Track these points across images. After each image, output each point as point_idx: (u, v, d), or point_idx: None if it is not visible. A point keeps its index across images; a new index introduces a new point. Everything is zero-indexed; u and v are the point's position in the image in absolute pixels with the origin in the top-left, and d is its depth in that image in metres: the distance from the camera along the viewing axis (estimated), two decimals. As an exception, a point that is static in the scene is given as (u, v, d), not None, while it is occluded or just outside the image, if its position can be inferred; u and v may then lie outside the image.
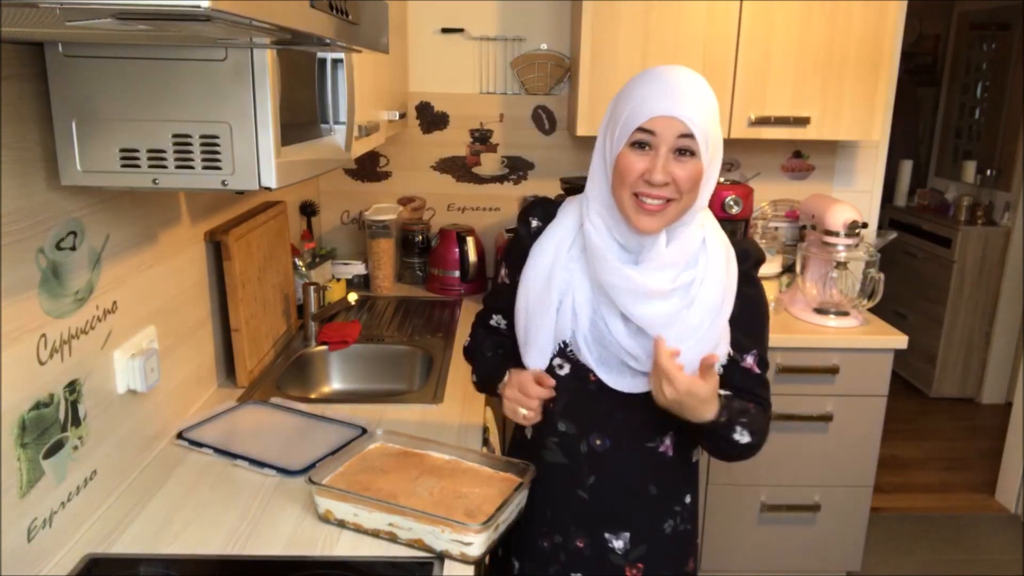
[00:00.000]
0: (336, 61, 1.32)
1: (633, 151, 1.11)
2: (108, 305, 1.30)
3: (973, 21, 4.46)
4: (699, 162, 1.11)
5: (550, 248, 1.23)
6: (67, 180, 1.11)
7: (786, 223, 2.79)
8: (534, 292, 1.23)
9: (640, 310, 1.15)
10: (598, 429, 1.25)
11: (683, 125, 1.08)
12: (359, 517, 1.21)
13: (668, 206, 1.12)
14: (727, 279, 1.18)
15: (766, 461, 2.38)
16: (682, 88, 1.10)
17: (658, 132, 1.09)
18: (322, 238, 2.84)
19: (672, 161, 1.10)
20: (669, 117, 1.08)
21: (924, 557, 2.79)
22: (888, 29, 2.34)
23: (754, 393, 1.26)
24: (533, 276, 1.23)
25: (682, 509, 1.32)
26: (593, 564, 1.29)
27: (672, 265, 1.16)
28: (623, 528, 1.28)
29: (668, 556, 1.32)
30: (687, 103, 1.09)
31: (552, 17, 2.66)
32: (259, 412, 1.66)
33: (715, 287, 1.16)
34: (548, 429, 1.29)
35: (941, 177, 4.68)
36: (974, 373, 4.11)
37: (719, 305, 1.17)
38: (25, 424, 1.08)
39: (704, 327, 1.16)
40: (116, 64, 1.06)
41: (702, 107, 1.10)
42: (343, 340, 2.09)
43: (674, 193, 1.11)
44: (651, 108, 1.09)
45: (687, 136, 1.09)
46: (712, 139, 1.12)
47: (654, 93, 1.10)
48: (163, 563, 1.16)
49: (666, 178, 1.09)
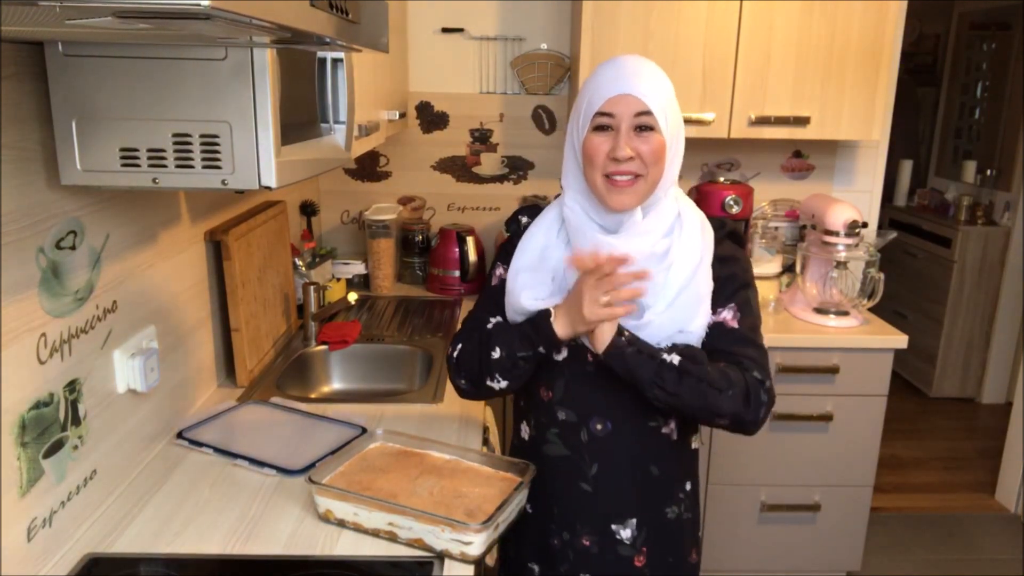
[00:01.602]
0: (336, 60, 1.32)
1: (596, 134, 1.19)
2: (108, 304, 1.30)
3: (973, 21, 4.45)
4: (660, 136, 1.18)
5: (540, 233, 1.29)
6: (67, 180, 1.11)
7: (786, 223, 2.79)
8: (530, 262, 1.27)
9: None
10: (598, 413, 1.27)
11: (639, 102, 1.16)
12: (359, 517, 1.21)
13: (637, 182, 1.18)
14: (703, 246, 1.24)
15: (766, 461, 2.38)
16: (634, 69, 1.18)
17: (616, 113, 1.17)
18: (322, 238, 2.84)
19: (634, 137, 1.17)
20: (624, 95, 1.16)
21: (924, 557, 2.79)
22: (888, 29, 2.34)
23: (735, 352, 1.23)
24: (525, 253, 1.29)
25: (684, 496, 1.33)
26: (600, 563, 1.30)
27: (649, 232, 1.21)
28: (629, 515, 1.29)
29: (671, 543, 1.33)
30: (640, 81, 1.16)
31: (552, 17, 2.66)
32: (259, 412, 1.66)
33: (691, 254, 1.22)
34: (547, 421, 1.31)
35: (941, 177, 4.68)
36: (974, 373, 4.11)
37: (694, 270, 1.22)
38: (25, 423, 1.08)
39: (684, 287, 1.21)
40: (116, 63, 1.06)
41: (655, 84, 1.18)
42: (343, 340, 2.09)
43: (640, 168, 1.17)
44: (607, 90, 1.17)
45: (644, 113, 1.16)
46: (671, 116, 1.19)
47: (609, 78, 1.18)
48: (163, 562, 1.16)
49: (630, 152, 1.16)
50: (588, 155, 1.19)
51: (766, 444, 2.36)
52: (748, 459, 2.38)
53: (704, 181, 2.70)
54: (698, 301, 1.22)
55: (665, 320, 1.21)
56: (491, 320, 1.33)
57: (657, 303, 1.21)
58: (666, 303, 1.21)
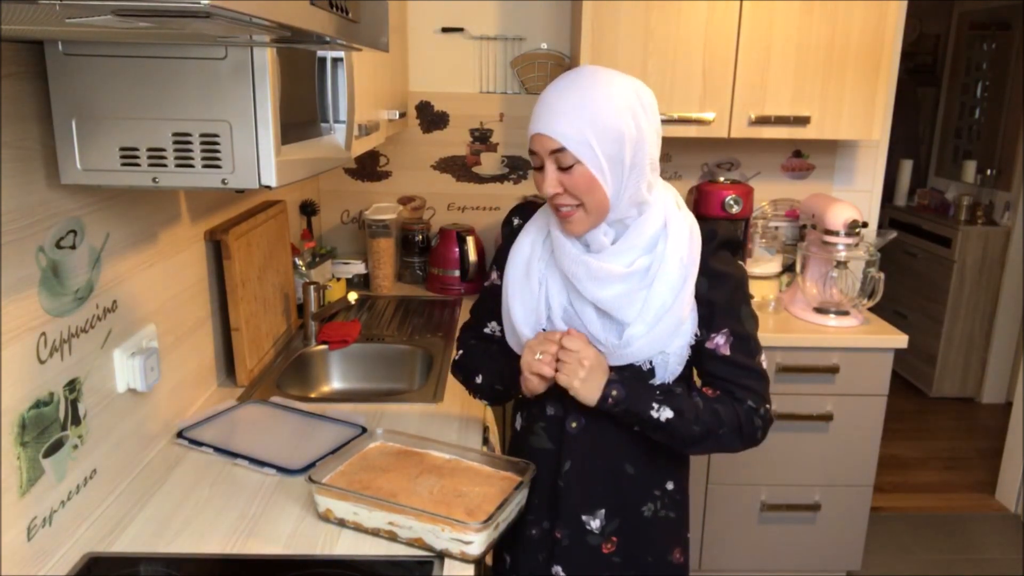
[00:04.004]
0: (336, 60, 1.32)
1: (536, 171, 1.20)
2: (108, 304, 1.29)
3: (973, 21, 4.45)
4: (583, 167, 1.14)
5: (527, 243, 1.31)
6: (67, 179, 1.11)
7: (786, 222, 2.79)
8: (517, 276, 1.30)
9: (600, 293, 1.20)
10: (577, 409, 1.28)
11: (551, 141, 1.14)
12: (359, 516, 1.21)
13: (579, 211, 1.18)
14: (689, 258, 1.21)
15: (766, 461, 2.38)
16: (550, 102, 1.15)
17: (537, 151, 1.17)
18: (322, 237, 2.84)
19: (560, 172, 1.16)
20: (540, 135, 1.15)
21: (924, 557, 2.79)
22: (888, 29, 2.34)
23: (728, 380, 1.25)
24: (514, 265, 1.31)
25: (663, 494, 1.33)
26: (572, 554, 1.32)
27: (630, 250, 1.20)
28: (598, 506, 1.31)
29: (647, 540, 1.33)
30: (553, 117, 1.13)
31: (552, 17, 2.66)
32: (259, 411, 1.66)
33: (675, 267, 1.20)
34: (537, 413, 1.34)
35: (941, 177, 4.68)
36: (974, 373, 4.11)
37: (680, 284, 1.20)
38: (25, 423, 1.07)
39: (667, 306, 1.20)
40: (116, 63, 1.06)
41: (573, 115, 1.12)
42: (343, 339, 2.09)
43: (572, 200, 1.17)
44: (531, 128, 1.17)
45: (558, 151, 1.14)
46: (597, 145, 1.12)
47: (534, 113, 1.17)
48: (163, 562, 1.16)
49: (555, 188, 1.16)
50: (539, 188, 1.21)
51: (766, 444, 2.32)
52: (748, 459, 2.38)
53: (704, 181, 2.70)
54: (679, 323, 1.21)
55: (645, 344, 1.21)
56: (487, 326, 1.42)
57: (636, 324, 1.20)
58: (647, 325, 1.20)
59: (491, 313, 1.41)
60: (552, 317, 1.27)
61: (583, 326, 1.24)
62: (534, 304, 1.27)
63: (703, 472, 2.39)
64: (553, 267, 1.26)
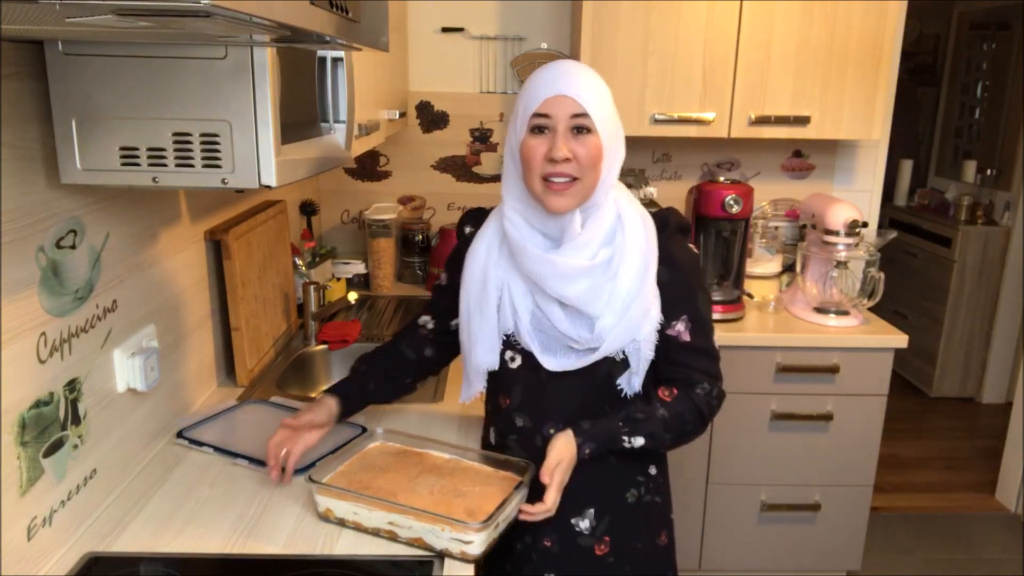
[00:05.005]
0: (336, 59, 1.32)
1: (533, 136, 1.18)
2: (108, 304, 1.29)
3: (973, 21, 4.45)
4: (597, 138, 1.17)
5: (481, 251, 1.29)
6: (67, 178, 1.11)
7: (786, 222, 2.79)
8: (474, 293, 1.29)
9: (568, 290, 1.20)
10: (551, 419, 1.29)
11: (575, 103, 1.15)
12: (359, 516, 1.21)
13: (574, 184, 1.17)
14: (647, 246, 1.23)
15: (766, 461, 2.38)
16: (571, 72, 1.18)
17: (553, 114, 1.16)
18: (322, 237, 2.84)
19: (571, 139, 1.16)
20: (561, 96, 1.15)
21: (924, 557, 2.79)
22: (888, 29, 2.34)
23: (687, 366, 1.28)
24: (470, 279, 1.30)
25: (646, 480, 1.35)
26: (563, 559, 1.32)
27: (588, 244, 1.21)
28: (586, 505, 1.31)
29: (634, 526, 1.34)
30: (577, 83, 1.16)
31: (552, 16, 2.66)
32: (259, 411, 1.66)
33: (635, 256, 1.21)
34: (507, 427, 1.34)
35: (941, 177, 4.68)
36: (974, 373, 4.11)
37: (643, 272, 1.22)
38: (25, 422, 1.07)
39: (632, 294, 1.21)
40: (116, 62, 1.06)
41: (593, 88, 1.17)
42: (343, 339, 2.09)
43: (576, 170, 1.17)
44: (544, 92, 1.16)
45: (581, 115, 1.15)
46: (608, 120, 1.18)
47: (545, 80, 1.17)
48: (163, 562, 1.16)
49: (567, 153, 1.15)
50: (525, 158, 1.18)
51: (766, 444, 2.36)
52: (748, 459, 2.38)
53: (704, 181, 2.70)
54: (647, 308, 1.23)
55: (617, 334, 1.22)
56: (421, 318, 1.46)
57: (605, 316, 1.21)
58: (616, 315, 1.21)
59: (431, 308, 1.45)
60: (519, 324, 1.26)
61: (552, 327, 1.24)
62: (494, 321, 1.27)
63: (703, 472, 2.39)
64: (513, 271, 1.26)
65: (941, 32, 4.81)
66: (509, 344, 1.29)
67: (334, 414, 1.37)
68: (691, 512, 2.41)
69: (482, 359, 1.30)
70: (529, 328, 1.26)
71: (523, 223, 1.24)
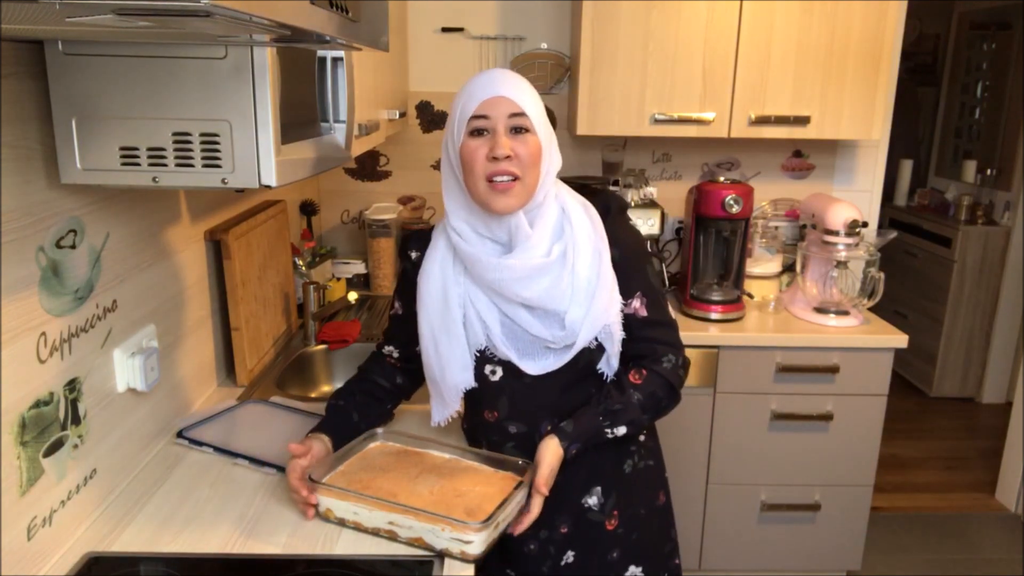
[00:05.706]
0: (336, 59, 1.32)
1: (473, 139, 1.19)
2: (108, 303, 1.29)
3: (973, 21, 4.45)
4: (535, 137, 1.20)
5: (435, 271, 1.29)
6: (67, 178, 1.11)
7: (786, 222, 2.79)
8: (436, 315, 1.29)
9: (529, 291, 1.22)
10: (546, 418, 1.30)
11: (512, 103, 1.18)
12: (359, 516, 1.21)
13: (516, 184, 1.18)
14: (595, 232, 1.26)
15: (766, 461, 2.38)
16: (505, 75, 1.21)
17: (491, 115, 1.18)
18: (322, 237, 2.84)
19: (511, 139, 1.18)
20: (498, 97, 1.17)
21: (924, 557, 2.79)
22: (888, 29, 2.34)
23: (650, 340, 1.29)
24: (430, 301, 1.29)
25: (638, 447, 1.38)
26: (580, 538, 1.34)
27: (540, 243, 1.22)
28: (592, 483, 1.33)
29: (636, 495, 1.37)
30: (512, 85, 1.19)
31: (552, 17, 2.66)
32: (259, 411, 1.66)
33: (587, 244, 1.23)
34: (501, 438, 1.35)
35: (941, 177, 4.68)
36: (974, 373, 4.11)
37: (597, 258, 1.24)
38: (25, 422, 1.07)
39: (593, 282, 1.23)
40: (116, 62, 1.06)
41: (528, 90, 1.21)
42: (343, 339, 2.09)
43: (519, 168, 1.18)
44: (480, 94, 1.18)
45: (518, 115, 1.18)
46: (544, 125, 1.22)
47: (480, 84, 1.20)
48: (163, 562, 1.16)
49: (508, 150, 1.17)
50: (466, 162, 1.19)
51: (766, 444, 2.36)
52: (748, 459, 2.38)
53: (704, 181, 2.70)
54: (610, 293, 1.25)
55: (589, 323, 1.23)
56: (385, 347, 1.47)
57: (572, 309, 1.22)
58: (582, 307, 1.23)
59: (393, 339, 1.45)
60: (491, 336, 1.26)
61: (525, 332, 1.25)
62: (463, 339, 1.27)
63: (703, 472, 2.39)
64: (473, 284, 1.26)
65: (941, 32, 4.81)
66: (485, 358, 1.29)
67: (330, 450, 1.35)
68: (691, 512, 2.41)
69: (457, 378, 1.29)
70: (502, 337, 1.26)
71: (471, 233, 1.24)
